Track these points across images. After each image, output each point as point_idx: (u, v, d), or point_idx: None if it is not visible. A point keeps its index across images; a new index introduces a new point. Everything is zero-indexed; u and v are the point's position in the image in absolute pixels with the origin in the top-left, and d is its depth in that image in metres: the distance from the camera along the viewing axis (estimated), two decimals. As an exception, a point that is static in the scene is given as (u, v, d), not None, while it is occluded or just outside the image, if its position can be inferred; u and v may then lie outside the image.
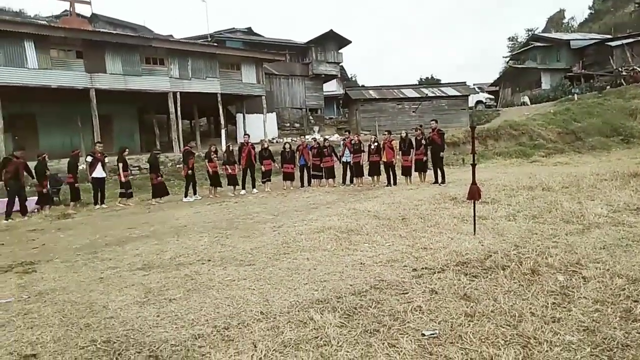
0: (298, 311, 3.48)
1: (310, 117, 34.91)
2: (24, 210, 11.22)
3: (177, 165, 18.28)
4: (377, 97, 31.57)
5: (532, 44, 43.01)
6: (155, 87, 21.66)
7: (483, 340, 2.81)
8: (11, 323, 3.66)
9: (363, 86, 40.29)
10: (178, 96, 22.16)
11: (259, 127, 24.84)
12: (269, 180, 14.32)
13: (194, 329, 3.29)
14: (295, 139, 20.99)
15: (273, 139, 26.60)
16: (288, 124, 33.37)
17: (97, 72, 19.77)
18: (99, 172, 12.26)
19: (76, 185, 12.34)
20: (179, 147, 21.27)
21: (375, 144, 13.62)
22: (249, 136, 14.70)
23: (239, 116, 27.74)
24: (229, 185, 13.85)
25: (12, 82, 17.61)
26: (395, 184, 12.98)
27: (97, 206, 12.17)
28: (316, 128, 32.52)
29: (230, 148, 14.18)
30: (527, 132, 23.90)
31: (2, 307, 4.08)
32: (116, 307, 3.88)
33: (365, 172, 13.97)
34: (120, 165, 12.45)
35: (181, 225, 8.23)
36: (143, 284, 4.52)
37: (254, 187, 13.96)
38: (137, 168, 17.61)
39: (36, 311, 3.93)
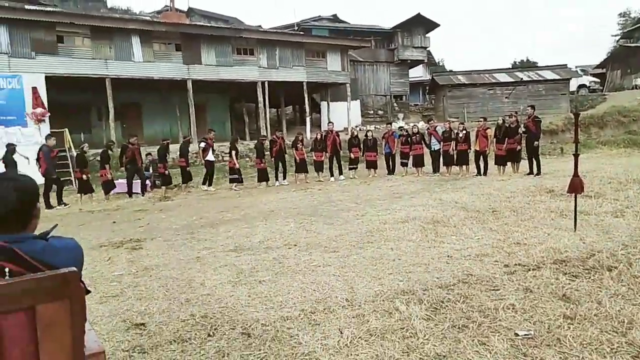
0: (383, 301, 3.49)
1: (395, 104, 34.30)
2: (143, 190, 12.69)
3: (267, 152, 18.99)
4: (466, 82, 30.17)
5: (649, 19, 38.20)
6: (245, 76, 22.59)
7: (585, 345, 2.61)
8: (123, 294, 4.08)
9: (451, 71, 38.66)
10: (266, 85, 22.93)
11: (342, 115, 24.95)
12: (356, 168, 14.50)
13: (283, 310, 3.44)
14: (378, 127, 20.91)
15: (356, 126, 26.57)
16: (372, 112, 33.10)
17: (193, 63, 21.07)
18: (211, 156, 13.25)
19: (187, 168, 13.35)
20: (267, 135, 22.04)
21: (464, 132, 13.06)
22: (333, 124, 14.99)
23: (324, 104, 28.05)
24: (316, 172, 14.22)
25: (121, 74, 19.39)
26: (485, 174, 12.38)
27: (205, 187, 13.08)
28: (400, 115, 31.91)
29: (319, 136, 14.56)
30: (639, 119, 21.46)
31: (116, 278, 4.57)
32: (212, 285, 4.16)
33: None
34: (234, 152, 13.27)
35: (268, 210, 8.57)
36: (235, 265, 4.80)
37: (340, 173, 14.21)
38: (227, 154, 18.56)
39: (143, 284, 4.34)
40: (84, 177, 11.95)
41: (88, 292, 1.67)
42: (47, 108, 17.16)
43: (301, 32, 28.73)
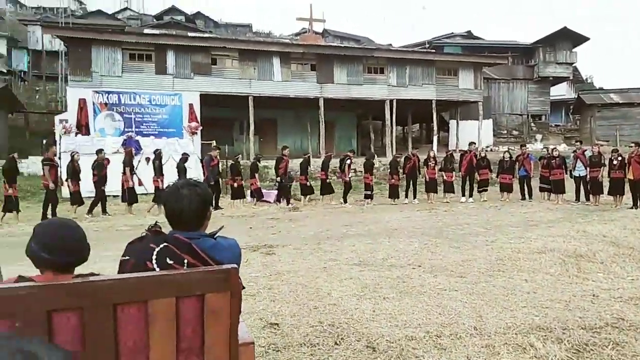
0: (515, 334, 3.29)
1: (532, 124, 31.81)
2: (288, 200, 13.62)
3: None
4: (620, 101, 26.87)
5: None
6: (375, 95, 23.02)
7: None
8: (259, 294, 4.46)
9: (601, 89, 34.67)
10: (394, 103, 23.06)
11: (472, 134, 23.87)
12: (486, 190, 13.79)
13: (407, 330, 3.44)
14: (513, 148, 19.63)
15: (487, 146, 25.24)
16: (505, 131, 31.15)
17: (326, 82, 22.15)
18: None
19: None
20: (392, 152, 22.12)
21: (619, 157, 11.56)
22: (475, 144, 14.82)
23: (452, 122, 27.20)
24: (444, 192, 13.92)
25: (263, 92, 21.22)
26: (642, 206, 10.82)
27: (344, 204, 13.55)
28: (538, 136, 29.47)
29: (450, 154, 14.25)
30: None
31: (252, 279, 5.00)
32: (338, 296, 4.33)
33: (605, 189, 12.00)
34: (371, 170, 13.80)
35: (392, 228, 8.58)
36: (359, 279, 4.92)
37: (470, 196, 13.71)
38: (353, 170, 19.00)
39: (276, 288, 4.68)
40: (235, 184, 13.17)
41: (243, 287, 1.90)
42: (200, 122, 19.51)
43: (432, 50, 28.37)
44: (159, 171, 12.34)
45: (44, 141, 16.86)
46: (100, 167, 11.54)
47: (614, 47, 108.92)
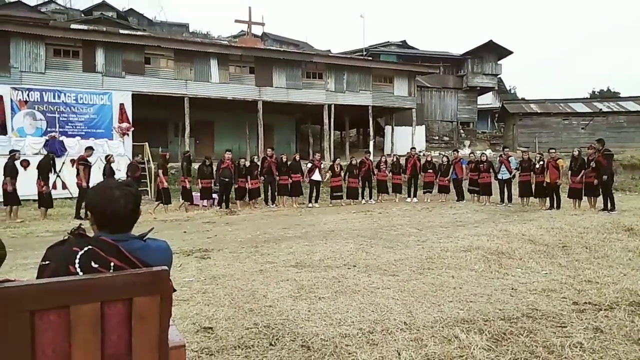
0: (442, 327, 3.47)
1: (461, 131, 33.61)
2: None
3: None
4: (538, 111, 29.06)
5: None
6: (313, 99, 23.26)
7: (660, 394, 2.47)
8: (193, 299, 4.36)
9: (523, 99, 37.39)
10: (332, 108, 23.42)
11: (407, 140, 24.84)
12: (430, 192, 14.79)
13: (341, 328, 3.52)
14: (442, 153, 20.74)
15: (420, 151, 26.33)
16: (437, 137, 32.65)
17: (264, 85, 22.05)
18: (316, 176, 14.23)
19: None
20: (330, 156, 22.41)
21: (541, 162, 12.51)
22: (415, 149, 16.25)
23: (388, 128, 28.09)
24: (392, 192, 15.06)
25: (199, 94, 20.72)
26: (559, 207, 11.77)
27: (311, 204, 13.99)
28: (467, 142, 31.17)
29: (395, 159, 15.50)
30: None
31: (186, 284, 4.88)
32: (274, 298, 4.33)
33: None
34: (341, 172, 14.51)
35: (329, 230, 8.72)
36: (296, 280, 4.95)
37: (415, 196, 14.84)
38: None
39: (211, 291, 4.60)
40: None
41: (174, 290, 1.86)
42: (131, 123, 18.66)
43: (369, 58, 29.16)
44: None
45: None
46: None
47: (533, 61, 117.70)
